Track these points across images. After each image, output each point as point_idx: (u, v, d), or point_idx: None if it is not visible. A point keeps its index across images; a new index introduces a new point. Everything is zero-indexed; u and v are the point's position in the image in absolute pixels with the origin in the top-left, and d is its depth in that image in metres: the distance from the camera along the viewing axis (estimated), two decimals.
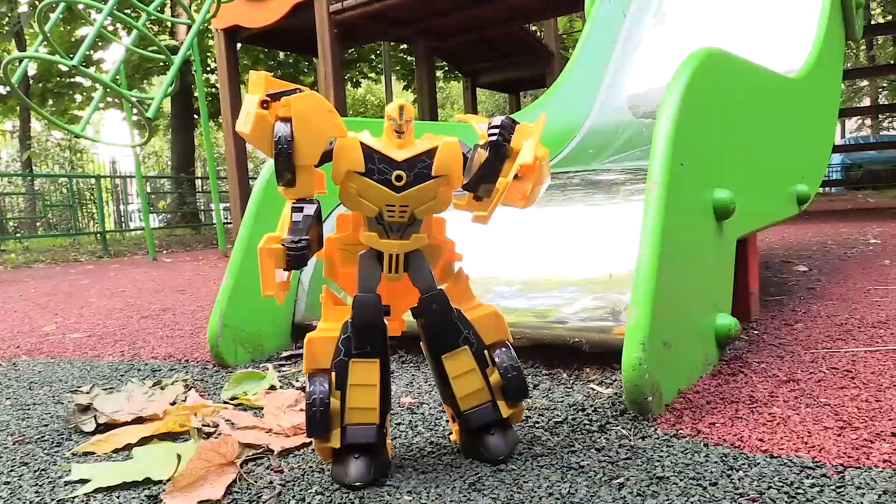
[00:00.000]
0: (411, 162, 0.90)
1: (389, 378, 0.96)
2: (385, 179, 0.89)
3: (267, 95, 0.88)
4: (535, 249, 1.67)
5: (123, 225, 11.75)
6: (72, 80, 13.36)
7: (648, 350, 1.07)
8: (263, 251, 0.83)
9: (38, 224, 11.76)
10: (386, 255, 0.93)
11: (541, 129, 0.86)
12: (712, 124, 1.38)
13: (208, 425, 1.19)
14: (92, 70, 11.98)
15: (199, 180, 12.28)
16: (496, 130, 0.87)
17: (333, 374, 0.93)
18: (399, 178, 0.89)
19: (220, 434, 1.14)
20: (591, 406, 1.18)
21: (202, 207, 12.33)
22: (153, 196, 13.03)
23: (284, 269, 0.85)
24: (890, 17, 12.64)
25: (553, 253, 1.63)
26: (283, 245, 0.84)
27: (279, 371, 1.61)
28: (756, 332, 1.67)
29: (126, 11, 9.55)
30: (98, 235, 8.74)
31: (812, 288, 2.28)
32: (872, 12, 13.31)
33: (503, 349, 0.98)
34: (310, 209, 0.89)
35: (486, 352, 0.98)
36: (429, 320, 0.96)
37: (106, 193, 11.74)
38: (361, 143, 0.90)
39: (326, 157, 0.90)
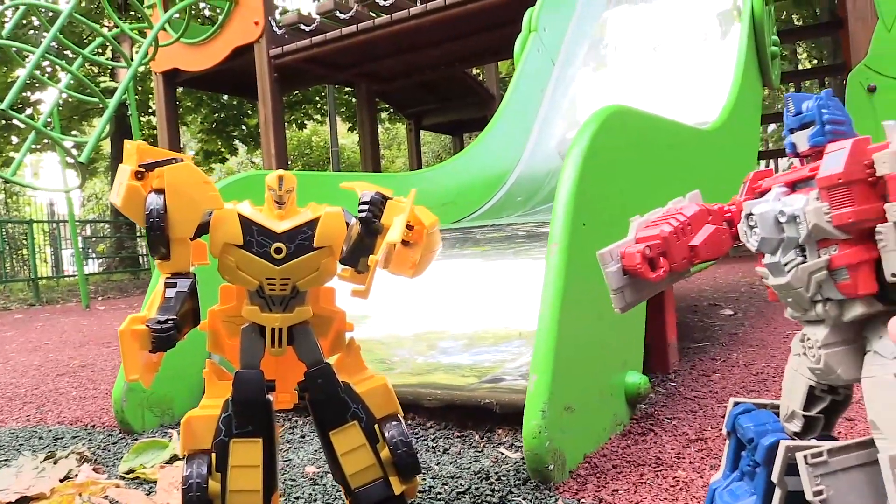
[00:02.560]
0: (292, 233, 0.87)
1: (275, 457, 0.92)
2: (264, 252, 0.86)
3: (140, 166, 0.85)
4: (483, 302, 1.65)
5: (59, 271, 11.36)
6: (8, 121, 13.01)
7: (549, 417, 1.05)
8: (125, 334, 0.78)
9: None
10: (268, 328, 0.90)
11: (410, 204, 0.85)
12: (618, 182, 1.39)
13: None
14: (29, 111, 11.70)
15: (144, 232, 11.99)
16: (365, 207, 0.85)
17: (213, 454, 0.88)
18: (279, 250, 0.86)
19: None
20: (497, 473, 1.15)
21: (142, 251, 12.03)
22: (93, 240, 12.67)
23: (151, 352, 0.80)
24: (815, 62, 13.23)
25: (501, 306, 1.61)
26: (147, 326, 0.80)
27: None
28: (673, 384, 1.67)
29: (66, 53, 9.39)
30: (31, 282, 8.42)
31: (735, 333, 2.31)
32: (799, 57, 13.92)
33: (394, 423, 0.95)
34: (184, 284, 0.85)
35: (376, 426, 0.94)
36: (315, 395, 0.92)
37: (44, 237, 11.37)
38: (239, 215, 0.87)
39: (203, 229, 0.87)
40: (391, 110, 11.52)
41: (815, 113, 0.61)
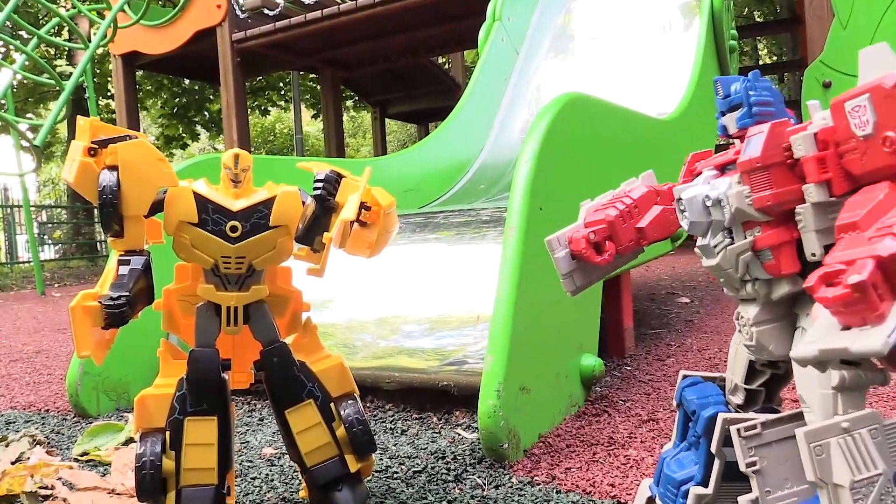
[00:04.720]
0: (247, 212, 0.87)
1: (231, 434, 0.92)
2: (219, 230, 0.86)
3: (93, 142, 0.84)
4: (447, 286, 1.65)
5: (13, 257, 11.08)
6: None
7: (504, 397, 1.07)
8: (77, 310, 0.78)
9: None
10: (224, 307, 0.90)
11: (365, 182, 0.85)
12: (575, 167, 1.41)
13: (46, 487, 1.11)
14: None
15: (97, 209, 11.72)
16: (320, 185, 0.86)
17: (168, 433, 0.88)
18: (234, 228, 0.86)
19: (55, 497, 1.07)
20: (453, 453, 1.17)
21: (99, 237, 11.79)
22: (49, 226, 12.38)
23: (103, 328, 0.80)
24: (775, 58, 13.48)
25: (464, 289, 1.62)
26: (100, 302, 0.79)
27: None
28: (629, 368, 1.71)
29: (21, 33, 9.13)
30: None
31: (690, 320, 2.36)
32: (760, 52, 14.16)
33: (350, 402, 0.95)
34: (137, 262, 0.84)
35: (332, 405, 0.95)
36: (270, 374, 0.93)
37: None
38: (194, 193, 0.86)
39: (158, 206, 0.87)
40: (356, 98, 11.43)
41: (743, 95, 0.63)
